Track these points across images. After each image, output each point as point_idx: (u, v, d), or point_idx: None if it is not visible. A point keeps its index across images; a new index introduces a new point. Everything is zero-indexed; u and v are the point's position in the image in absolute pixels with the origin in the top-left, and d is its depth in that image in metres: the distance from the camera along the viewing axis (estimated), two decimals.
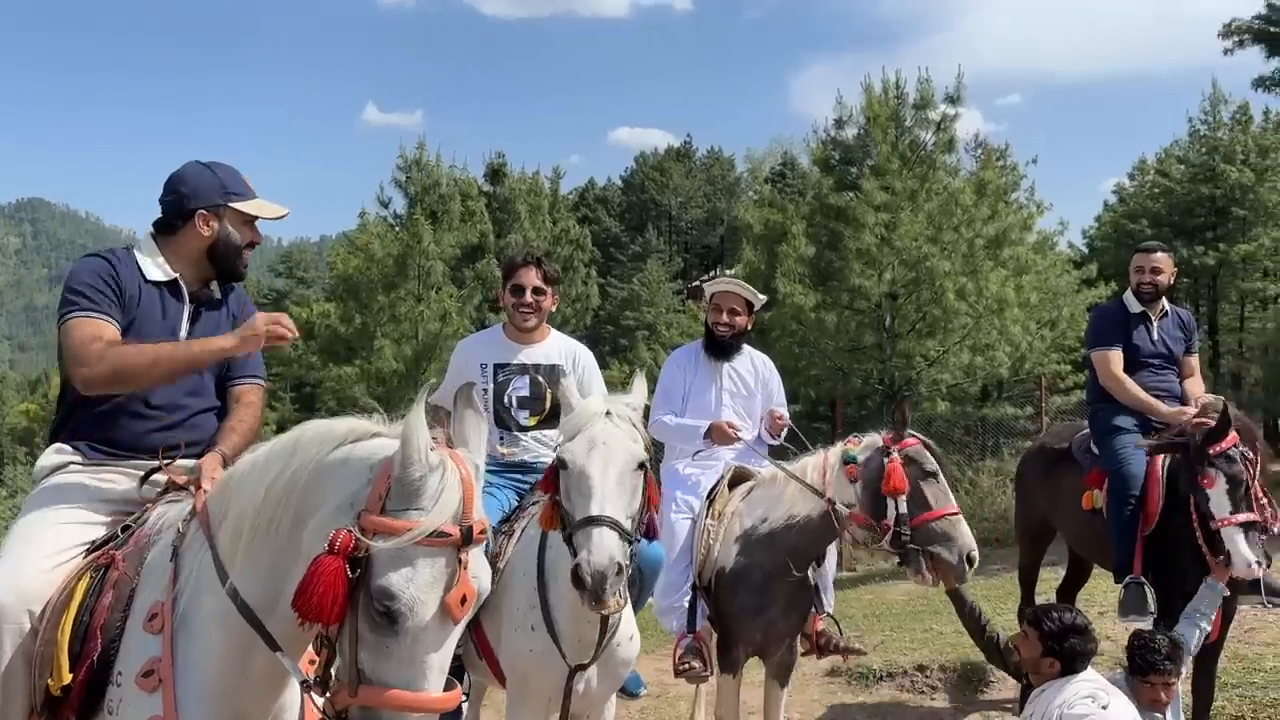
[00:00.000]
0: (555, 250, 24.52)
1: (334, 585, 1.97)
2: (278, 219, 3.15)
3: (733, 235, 56.18)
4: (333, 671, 2.12)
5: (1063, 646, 3.87)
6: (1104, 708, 3.73)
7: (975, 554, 4.07)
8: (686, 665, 4.47)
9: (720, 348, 5.22)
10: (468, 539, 2.05)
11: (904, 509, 4.10)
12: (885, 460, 4.18)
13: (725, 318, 5.21)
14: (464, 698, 2.98)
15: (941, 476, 4.21)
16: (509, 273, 4.46)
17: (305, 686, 2.26)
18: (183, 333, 2.99)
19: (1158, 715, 4.06)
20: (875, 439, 4.34)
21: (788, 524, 4.46)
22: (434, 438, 2.10)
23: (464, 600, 2.04)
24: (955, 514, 4.13)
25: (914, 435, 4.30)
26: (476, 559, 2.09)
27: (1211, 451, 4.58)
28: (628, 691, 4.17)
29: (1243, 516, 4.49)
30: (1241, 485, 4.54)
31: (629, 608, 3.62)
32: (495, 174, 26.23)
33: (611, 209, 55.26)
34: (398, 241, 20.70)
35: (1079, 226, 39.08)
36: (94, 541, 2.74)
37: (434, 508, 2.02)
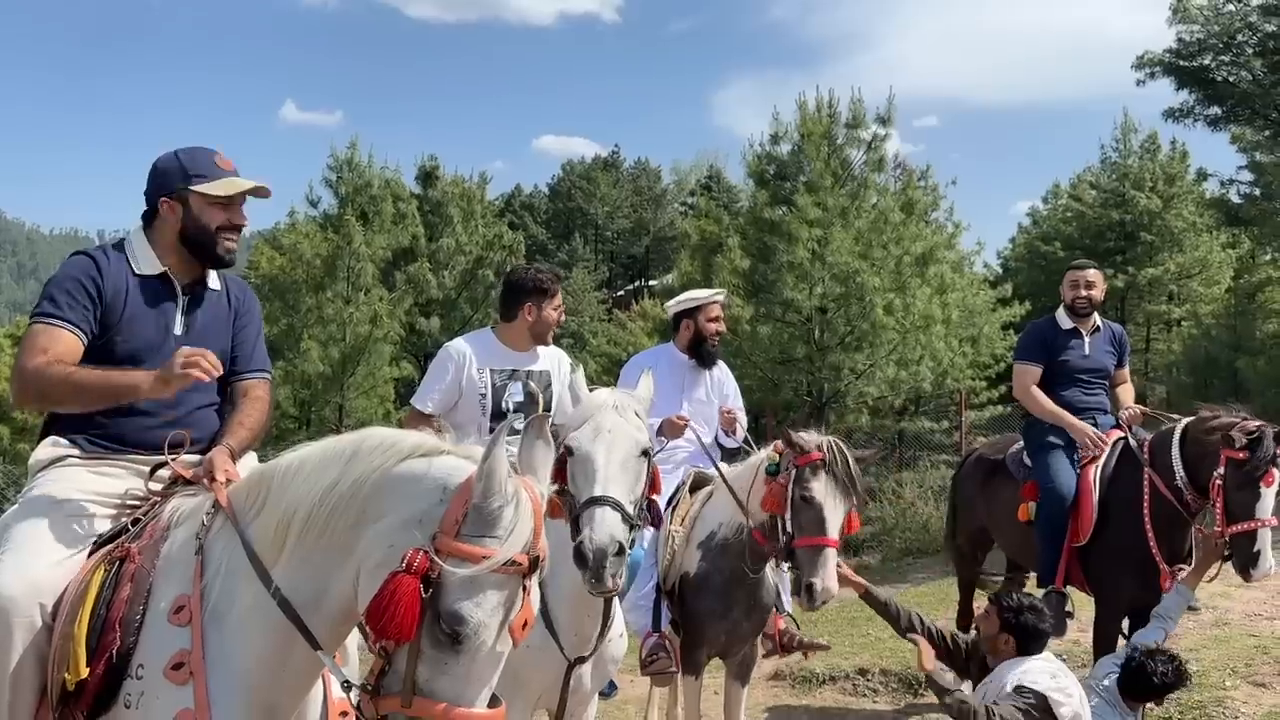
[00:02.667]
0: (488, 256, 24.45)
1: (412, 605, 2.03)
2: (247, 194, 2.99)
3: (658, 246, 56.76)
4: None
5: (1018, 621, 4.17)
6: (1060, 687, 3.99)
7: (816, 586, 3.93)
8: (654, 658, 4.51)
9: (713, 358, 5.43)
10: (534, 567, 2.13)
11: (789, 528, 4.08)
12: (776, 476, 4.16)
13: (722, 326, 5.47)
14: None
15: (820, 503, 4.01)
16: (550, 293, 4.51)
17: (346, 687, 2.29)
18: (177, 326, 2.96)
19: (1132, 716, 4.33)
20: (806, 440, 4.18)
21: (739, 532, 4.53)
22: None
23: (525, 625, 2.12)
24: (820, 545, 3.98)
25: (820, 450, 4.08)
26: (535, 585, 2.16)
27: None
28: (601, 692, 4.23)
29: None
30: None
31: (619, 607, 3.70)
32: (428, 177, 26.04)
33: (538, 216, 55.30)
34: (327, 242, 20.40)
35: (992, 248, 40.30)
36: (101, 535, 2.71)
37: (509, 538, 2.08)
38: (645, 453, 3.35)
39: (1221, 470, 4.71)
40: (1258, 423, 4.75)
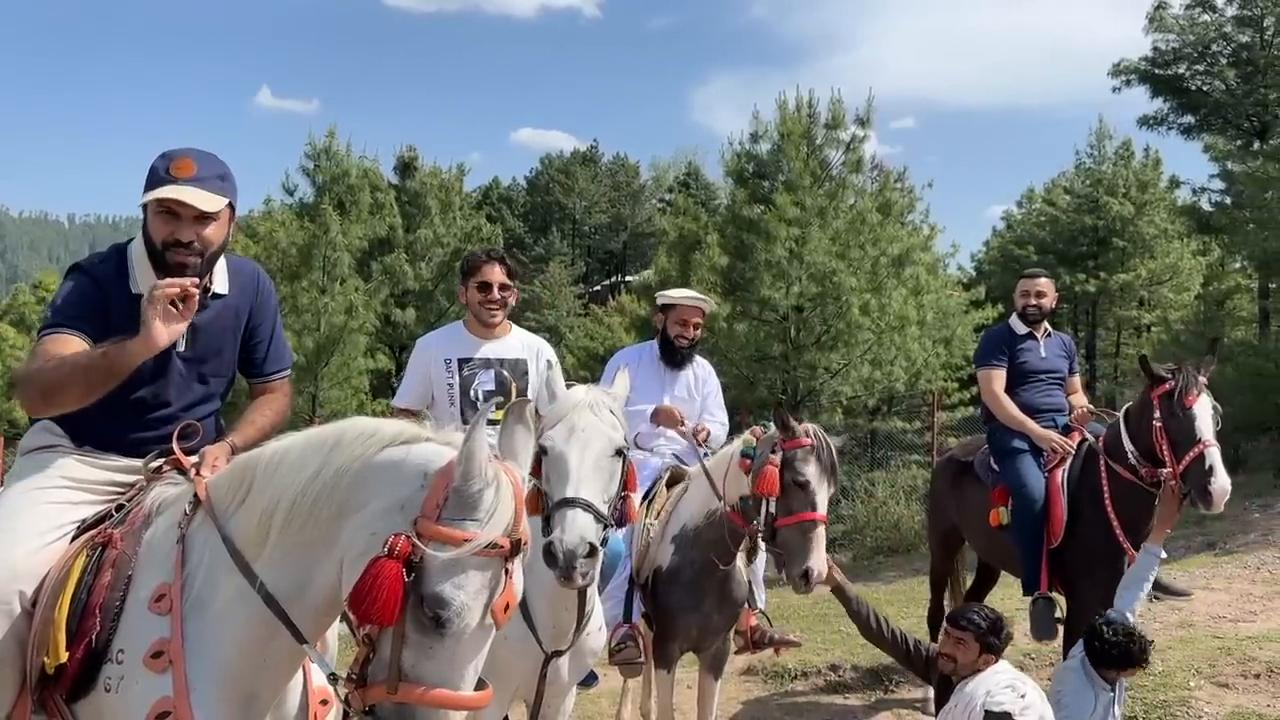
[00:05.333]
0: (466, 249, 24.24)
1: (394, 589, 2.03)
2: (202, 210, 2.70)
3: (636, 242, 56.76)
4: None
5: (1000, 639, 4.23)
6: (1022, 697, 4.05)
7: (813, 570, 4.01)
8: (622, 647, 4.53)
9: (679, 358, 5.42)
10: (516, 550, 2.13)
11: (773, 509, 4.17)
12: (768, 459, 4.23)
13: (691, 331, 5.43)
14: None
15: (814, 488, 4.13)
16: (473, 270, 4.50)
17: (333, 679, 2.29)
18: (180, 344, 2.83)
19: (1103, 693, 4.40)
20: (776, 435, 4.35)
21: (708, 519, 4.58)
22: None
23: (507, 608, 2.12)
24: (810, 520, 4.08)
25: (810, 436, 4.25)
26: (517, 568, 2.17)
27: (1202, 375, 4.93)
28: (582, 683, 4.25)
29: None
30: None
31: (598, 600, 3.72)
32: (406, 167, 25.88)
33: (515, 209, 55.12)
34: (304, 231, 20.22)
35: (966, 250, 40.63)
36: (84, 520, 2.69)
37: (489, 521, 2.08)
38: (619, 452, 3.38)
39: (1157, 413, 4.91)
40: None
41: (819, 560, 4.04)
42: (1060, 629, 5.48)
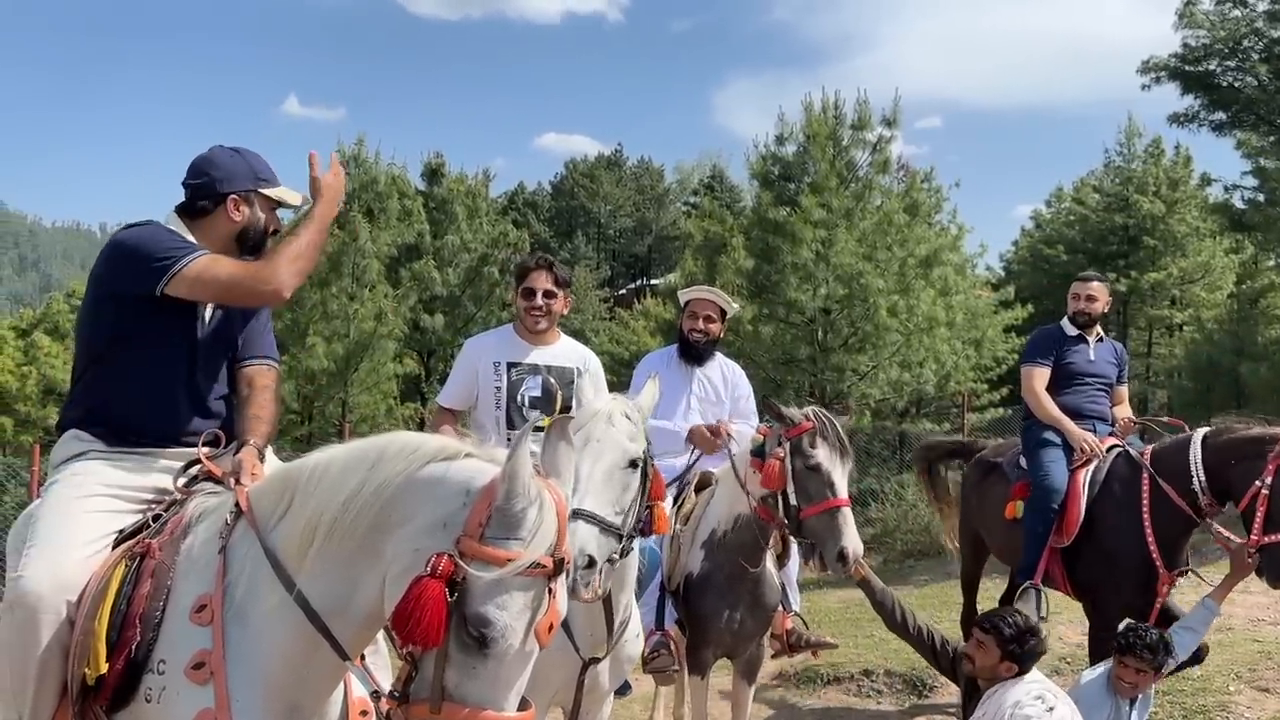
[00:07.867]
0: (493, 254, 24.43)
1: (438, 609, 2.03)
2: (296, 208, 3.26)
3: (661, 245, 56.82)
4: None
5: (1023, 649, 4.15)
6: (1050, 709, 4.00)
7: (848, 550, 3.93)
8: (656, 655, 4.52)
9: (694, 353, 5.39)
10: (559, 570, 2.13)
11: (795, 501, 4.10)
12: (774, 452, 4.17)
13: (701, 324, 5.39)
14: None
15: (827, 469, 4.06)
16: (521, 276, 4.53)
17: (375, 696, 2.30)
18: (206, 316, 2.99)
19: (1123, 702, 4.34)
20: (780, 427, 4.28)
21: (735, 523, 4.55)
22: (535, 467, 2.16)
23: (551, 627, 2.12)
24: (834, 507, 4.00)
25: (810, 419, 4.18)
26: (561, 587, 2.16)
27: None
28: (617, 691, 4.24)
29: None
30: None
31: (636, 608, 3.72)
32: (434, 174, 26.03)
33: (541, 214, 55.34)
34: (333, 238, 20.36)
35: (994, 250, 40.27)
36: (123, 530, 2.72)
37: (533, 540, 2.08)
38: (634, 463, 3.36)
39: (1270, 479, 4.68)
40: None
41: (852, 539, 3.98)
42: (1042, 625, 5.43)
